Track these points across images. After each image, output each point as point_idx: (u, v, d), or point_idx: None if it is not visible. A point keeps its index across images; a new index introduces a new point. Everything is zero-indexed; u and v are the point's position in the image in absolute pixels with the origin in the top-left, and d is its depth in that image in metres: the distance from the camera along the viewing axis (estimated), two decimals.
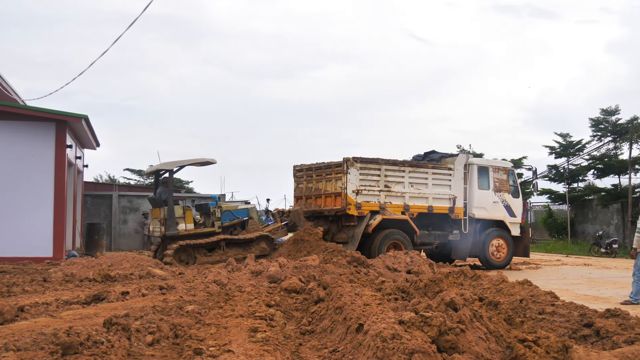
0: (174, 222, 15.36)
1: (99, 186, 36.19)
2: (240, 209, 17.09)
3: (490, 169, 19.29)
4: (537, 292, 8.51)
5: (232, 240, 15.92)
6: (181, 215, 15.56)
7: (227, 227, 16.33)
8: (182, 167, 16.36)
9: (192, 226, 15.67)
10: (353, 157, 16.85)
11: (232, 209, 16.81)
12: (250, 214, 16.96)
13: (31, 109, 19.27)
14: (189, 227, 15.58)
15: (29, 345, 5.55)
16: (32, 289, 10.42)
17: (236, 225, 16.57)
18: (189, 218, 15.69)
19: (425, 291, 7.82)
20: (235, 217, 16.53)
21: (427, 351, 4.36)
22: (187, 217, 15.67)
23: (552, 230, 37.88)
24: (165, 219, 15.36)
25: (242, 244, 16.08)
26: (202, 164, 17.03)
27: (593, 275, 16.34)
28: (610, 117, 33.97)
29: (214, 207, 16.36)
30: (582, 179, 37.70)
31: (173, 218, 15.35)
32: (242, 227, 16.65)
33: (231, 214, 16.53)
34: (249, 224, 16.70)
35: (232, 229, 16.50)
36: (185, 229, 15.47)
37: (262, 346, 5.16)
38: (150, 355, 5.62)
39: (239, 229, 16.61)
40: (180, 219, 15.49)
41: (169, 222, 15.30)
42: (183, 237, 15.38)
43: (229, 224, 16.36)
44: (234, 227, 16.52)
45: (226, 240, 15.80)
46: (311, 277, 10.55)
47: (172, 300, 8.47)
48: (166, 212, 15.38)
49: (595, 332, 5.81)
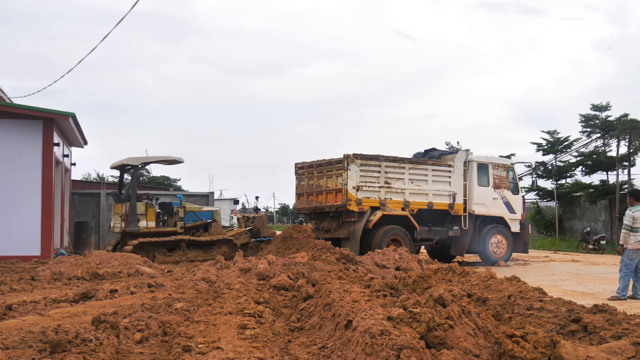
0: (135, 219, 15.07)
1: (86, 184, 36.08)
2: (204, 210, 16.81)
3: (490, 166, 19.42)
4: (525, 288, 8.54)
5: (194, 242, 15.64)
6: (143, 212, 15.27)
7: (190, 228, 16.06)
8: (147, 164, 16.17)
9: (153, 224, 15.40)
10: (353, 153, 16.95)
11: (196, 210, 16.53)
12: (214, 217, 16.70)
13: (18, 107, 19.13)
14: (150, 224, 15.32)
15: (17, 343, 5.52)
16: (20, 287, 10.37)
17: (199, 227, 16.30)
18: (150, 216, 15.41)
19: (414, 287, 7.84)
20: (198, 219, 16.26)
21: (416, 347, 4.36)
22: (149, 214, 15.39)
23: (540, 227, 38.11)
24: (126, 215, 15.05)
25: (203, 246, 15.79)
26: (169, 162, 16.81)
27: (581, 272, 16.45)
28: (601, 113, 34.12)
29: (178, 207, 16.08)
30: (570, 175, 37.93)
31: (135, 214, 15.08)
32: (205, 229, 16.38)
33: (195, 215, 16.27)
34: (212, 227, 16.43)
35: (195, 230, 16.22)
36: (146, 226, 15.19)
37: (251, 343, 5.16)
38: (139, 353, 5.60)
39: (201, 231, 16.33)
40: (141, 216, 15.21)
41: (130, 218, 15.01)
42: (143, 234, 15.08)
43: (192, 225, 16.10)
44: (196, 228, 16.25)
45: (187, 241, 15.53)
46: (300, 274, 10.55)
47: (161, 298, 8.44)
48: (128, 208, 15.09)
49: (582, 328, 5.84)
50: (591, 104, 34.54)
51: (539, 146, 39.05)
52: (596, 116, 34.23)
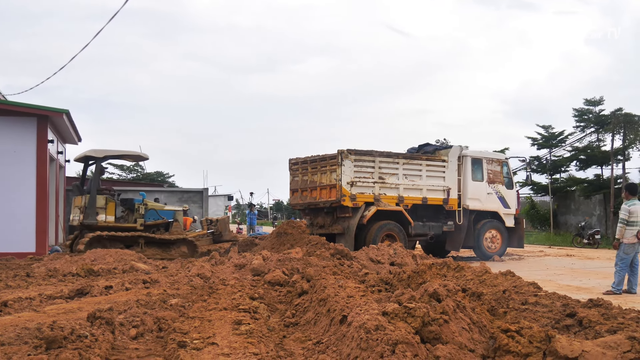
0: (94, 212, 14.81)
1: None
2: (166, 209, 16.55)
3: (484, 161, 19.43)
4: (520, 283, 8.55)
5: (152, 240, 15.43)
6: (103, 205, 15.02)
7: (150, 226, 15.83)
8: (112, 157, 15.89)
9: (112, 218, 15.14)
10: (347, 149, 16.95)
11: (158, 208, 16.29)
12: (176, 216, 16.45)
13: (12, 104, 19.10)
14: (109, 219, 15.06)
15: (13, 339, 5.52)
16: (16, 284, 10.36)
17: (160, 226, 16.08)
18: (110, 210, 15.14)
19: (409, 282, 7.85)
20: (159, 217, 16.04)
21: (411, 342, 4.37)
22: (109, 208, 15.12)
23: (535, 222, 38.19)
24: (85, 208, 14.78)
25: (161, 244, 15.58)
26: (134, 159, 16.63)
27: (576, 266, 16.50)
28: (594, 107, 34.14)
29: (139, 204, 15.84)
30: (565, 170, 37.98)
31: (94, 207, 14.82)
32: (166, 228, 16.15)
33: (156, 213, 16.04)
34: (174, 227, 16.21)
35: (155, 228, 15.99)
36: (104, 220, 14.94)
37: (246, 338, 5.16)
38: (134, 349, 5.59)
39: (162, 230, 16.10)
40: (101, 210, 14.94)
41: (89, 210, 14.74)
42: (101, 228, 14.82)
43: (152, 223, 15.87)
44: (157, 227, 16.02)
45: (146, 238, 15.32)
46: (295, 269, 10.55)
47: (156, 294, 8.43)
48: (87, 201, 14.83)
49: (578, 322, 5.85)
50: (584, 99, 34.56)
51: (533, 140, 39.10)
52: (590, 111, 34.26)
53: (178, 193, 26.70)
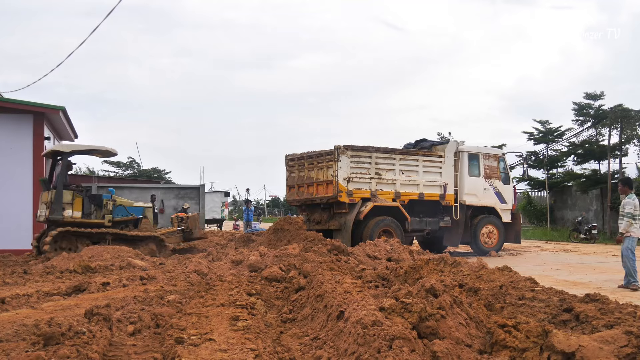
0: (60, 207, 14.55)
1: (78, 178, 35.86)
2: (135, 206, 16.31)
3: (481, 156, 19.45)
4: (516, 278, 8.57)
5: (120, 236, 15.15)
6: (69, 201, 14.74)
7: (119, 223, 15.56)
8: (79, 152, 15.59)
9: (79, 214, 14.87)
10: (344, 145, 16.94)
11: (126, 204, 16.06)
12: (145, 213, 16.24)
13: (8, 101, 19.14)
14: (76, 214, 14.78)
15: (11, 336, 5.53)
16: (13, 280, 10.38)
17: (128, 222, 15.82)
18: (77, 205, 14.86)
19: (406, 278, 7.85)
20: (128, 214, 15.81)
21: (408, 337, 4.37)
22: (76, 204, 14.84)
23: (532, 217, 38.21)
24: (51, 203, 14.54)
25: (129, 241, 15.27)
26: (103, 154, 16.33)
27: (572, 261, 16.52)
28: (594, 101, 34.07)
29: (107, 200, 15.57)
30: (561, 165, 37.98)
31: (60, 203, 14.55)
32: (135, 225, 15.92)
33: (125, 209, 15.82)
34: (143, 224, 15.98)
35: (124, 225, 15.72)
36: (71, 215, 14.68)
37: (243, 334, 5.16)
38: (132, 345, 5.60)
39: (131, 226, 15.84)
40: (67, 205, 14.68)
41: (55, 206, 14.48)
42: (67, 223, 14.58)
43: (121, 220, 15.61)
44: (125, 223, 15.75)
45: (113, 235, 15.07)
46: (292, 265, 10.56)
47: (153, 291, 8.44)
48: (53, 196, 14.59)
49: (574, 317, 5.86)
50: (585, 93, 34.46)
51: (530, 135, 39.10)
52: (589, 105, 34.21)
53: (175, 190, 26.65)
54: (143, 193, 25.12)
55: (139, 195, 24.91)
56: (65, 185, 14.82)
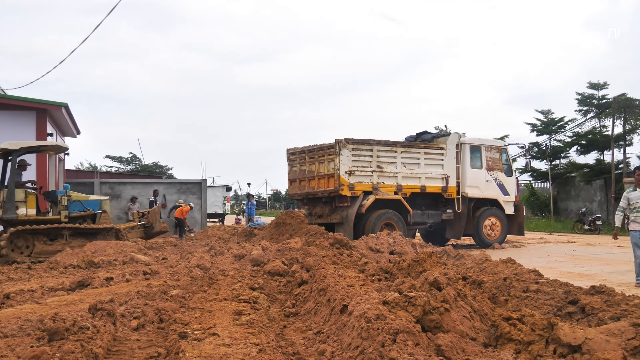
0: (14, 206, 14.21)
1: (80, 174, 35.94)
2: (91, 200, 15.90)
3: (483, 148, 19.39)
4: (521, 270, 8.54)
5: (77, 230, 14.82)
6: (22, 199, 14.39)
7: (76, 218, 15.16)
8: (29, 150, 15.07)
9: (33, 212, 14.54)
10: (345, 138, 16.91)
11: (82, 199, 15.60)
12: (102, 206, 15.84)
13: (11, 98, 19.22)
14: (30, 212, 14.43)
15: (16, 331, 5.53)
16: (17, 276, 10.40)
17: (86, 217, 15.41)
18: (30, 203, 14.52)
19: (409, 271, 7.83)
20: (85, 209, 15.39)
21: (412, 331, 4.35)
22: (29, 202, 14.49)
23: (535, 209, 38.15)
24: (3, 202, 14.20)
25: (88, 235, 14.98)
26: (55, 150, 16.05)
27: (577, 253, 16.47)
28: (598, 91, 33.93)
29: (62, 196, 15.17)
30: (564, 156, 37.87)
31: (13, 201, 14.20)
32: (93, 220, 15.51)
33: (81, 204, 15.39)
34: (102, 218, 15.58)
35: (82, 220, 15.33)
36: (25, 214, 14.33)
37: (246, 329, 5.15)
38: (136, 340, 5.59)
39: (89, 221, 15.44)
40: (20, 203, 14.34)
41: (8, 205, 14.14)
42: (22, 222, 14.21)
43: (78, 215, 15.21)
44: (83, 218, 15.35)
45: (71, 229, 14.73)
46: (294, 259, 10.54)
47: (156, 285, 8.44)
48: (5, 195, 14.23)
49: (580, 309, 5.83)
50: (588, 82, 34.29)
51: (533, 126, 38.98)
52: (593, 95, 34.07)
53: (177, 184, 26.65)
54: (145, 188, 25.13)
55: (141, 190, 24.94)
56: (17, 184, 14.51)
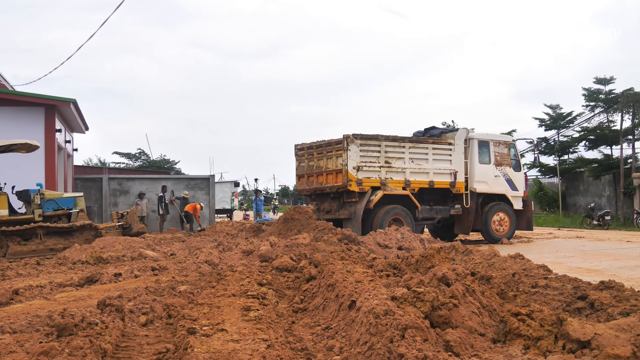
0: None
1: (89, 170, 36.11)
2: (65, 197, 15.73)
3: (491, 143, 19.33)
4: (529, 266, 8.52)
5: (52, 229, 14.62)
6: None
7: (51, 217, 15.03)
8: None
9: (5, 212, 14.41)
10: (353, 133, 16.90)
11: (56, 197, 15.50)
12: (77, 203, 15.71)
13: (20, 95, 19.36)
14: (2, 213, 14.31)
15: (25, 327, 5.56)
16: (26, 272, 10.44)
17: (61, 216, 15.28)
18: (2, 203, 14.39)
19: (417, 267, 7.81)
20: (59, 207, 15.29)
21: (420, 326, 4.35)
22: (1, 202, 14.37)
23: (543, 204, 38.06)
24: None
25: (63, 233, 14.76)
26: (25, 148, 15.76)
27: (586, 248, 16.41)
28: (604, 86, 33.76)
29: (35, 194, 15.00)
30: (573, 151, 37.73)
31: None
32: (68, 218, 15.35)
33: (55, 202, 15.28)
34: (78, 216, 15.46)
35: (57, 218, 15.20)
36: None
37: (255, 324, 5.15)
38: (144, 336, 5.61)
39: (64, 219, 15.28)
40: None
41: None
42: None
43: (52, 214, 15.09)
44: (58, 217, 15.22)
45: (44, 228, 14.50)
46: (302, 255, 10.54)
47: (165, 281, 8.46)
48: None
49: (589, 305, 5.81)
50: (594, 77, 34.10)
51: (541, 121, 38.85)
52: (600, 90, 33.88)
53: (185, 180, 26.71)
54: (153, 184, 25.21)
55: (149, 186, 25.01)
56: None
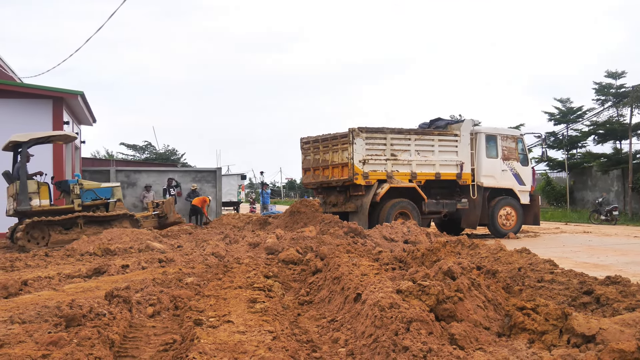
0: (27, 198, 14.28)
1: (96, 162, 36.22)
2: (103, 187, 15.90)
3: (499, 137, 19.26)
4: (535, 260, 8.52)
5: (92, 218, 14.83)
6: (35, 190, 14.46)
7: (89, 207, 15.20)
8: (37, 141, 15.21)
9: (47, 202, 14.62)
10: (358, 127, 16.89)
11: (94, 187, 15.68)
12: (114, 193, 15.86)
13: (28, 87, 19.41)
14: (44, 203, 14.52)
15: (33, 317, 5.60)
16: (35, 263, 10.51)
17: (99, 206, 15.44)
18: (44, 194, 14.60)
19: (423, 260, 7.83)
20: (97, 197, 15.47)
21: (425, 320, 4.36)
22: (42, 192, 14.57)
23: (551, 198, 37.93)
24: (17, 194, 14.28)
25: (102, 222, 14.97)
26: (63, 139, 16.10)
27: (593, 243, 16.36)
28: (615, 80, 33.56)
29: (74, 185, 15.20)
30: (582, 145, 37.57)
31: (26, 193, 14.28)
32: (106, 208, 15.53)
33: (93, 192, 15.48)
34: (116, 206, 15.63)
35: (95, 208, 15.35)
36: (39, 205, 14.41)
37: (261, 316, 5.18)
38: (151, 327, 5.65)
39: (102, 209, 15.45)
40: (34, 195, 14.41)
41: (21, 197, 14.21)
42: (36, 213, 14.26)
43: (91, 204, 15.27)
44: (96, 207, 15.38)
45: (85, 218, 14.74)
46: (308, 248, 10.58)
47: (172, 273, 8.51)
48: (18, 187, 14.33)
49: (595, 300, 5.81)
50: (606, 71, 33.88)
51: (550, 115, 38.69)
52: (610, 84, 33.68)
53: (192, 172, 26.75)
54: (160, 176, 25.27)
55: (156, 178, 25.07)
56: (28, 175, 14.60)
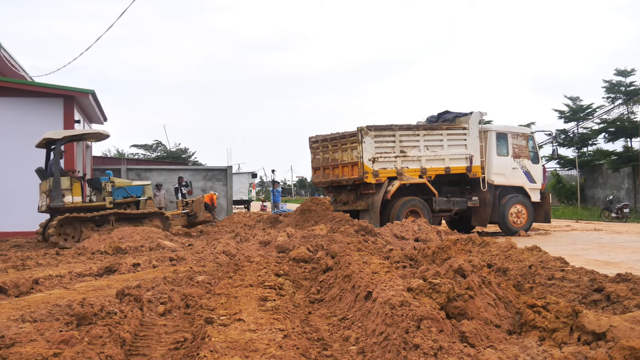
0: (60, 194, 14.38)
1: (107, 160, 36.37)
2: (134, 185, 16.04)
3: (509, 135, 19.18)
4: (546, 258, 8.49)
5: (123, 216, 15.00)
6: (68, 187, 14.58)
7: (120, 204, 15.38)
8: (71, 138, 15.45)
9: (79, 199, 14.76)
10: (367, 125, 16.86)
11: (126, 185, 15.84)
12: (145, 192, 15.99)
13: (39, 86, 19.49)
14: (77, 200, 14.66)
15: (45, 316, 5.63)
16: (46, 262, 10.56)
17: (130, 203, 15.61)
18: (76, 190, 14.73)
19: (433, 258, 7.83)
20: (129, 195, 15.63)
21: (436, 317, 4.37)
22: (75, 189, 14.70)
23: (561, 196, 37.77)
24: (50, 191, 14.40)
25: (133, 219, 15.15)
26: (96, 137, 16.24)
27: (603, 241, 16.29)
28: (625, 78, 33.38)
29: (106, 182, 15.37)
30: (592, 143, 37.41)
31: (59, 190, 14.37)
32: (137, 205, 15.68)
33: (124, 190, 15.65)
34: (147, 204, 15.78)
35: (126, 206, 15.53)
36: (72, 201, 14.54)
37: (272, 315, 5.20)
38: (163, 325, 5.68)
39: (133, 206, 15.62)
40: (67, 191, 14.53)
41: (55, 193, 14.31)
42: (69, 209, 14.43)
43: (122, 201, 15.44)
44: (127, 204, 15.56)
45: (117, 215, 14.90)
46: (319, 246, 10.59)
47: (183, 271, 8.54)
48: (51, 184, 14.43)
49: (605, 297, 5.80)
50: (615, 69, 33.73)
51: (561, 113, 38.53)
52: (620, 82, 33.51)
53: (202, 171, 26.83)
54: (171, 175, 25.36)
55: (167, 177, 25.15)
56: (61, 172, 14.72)
